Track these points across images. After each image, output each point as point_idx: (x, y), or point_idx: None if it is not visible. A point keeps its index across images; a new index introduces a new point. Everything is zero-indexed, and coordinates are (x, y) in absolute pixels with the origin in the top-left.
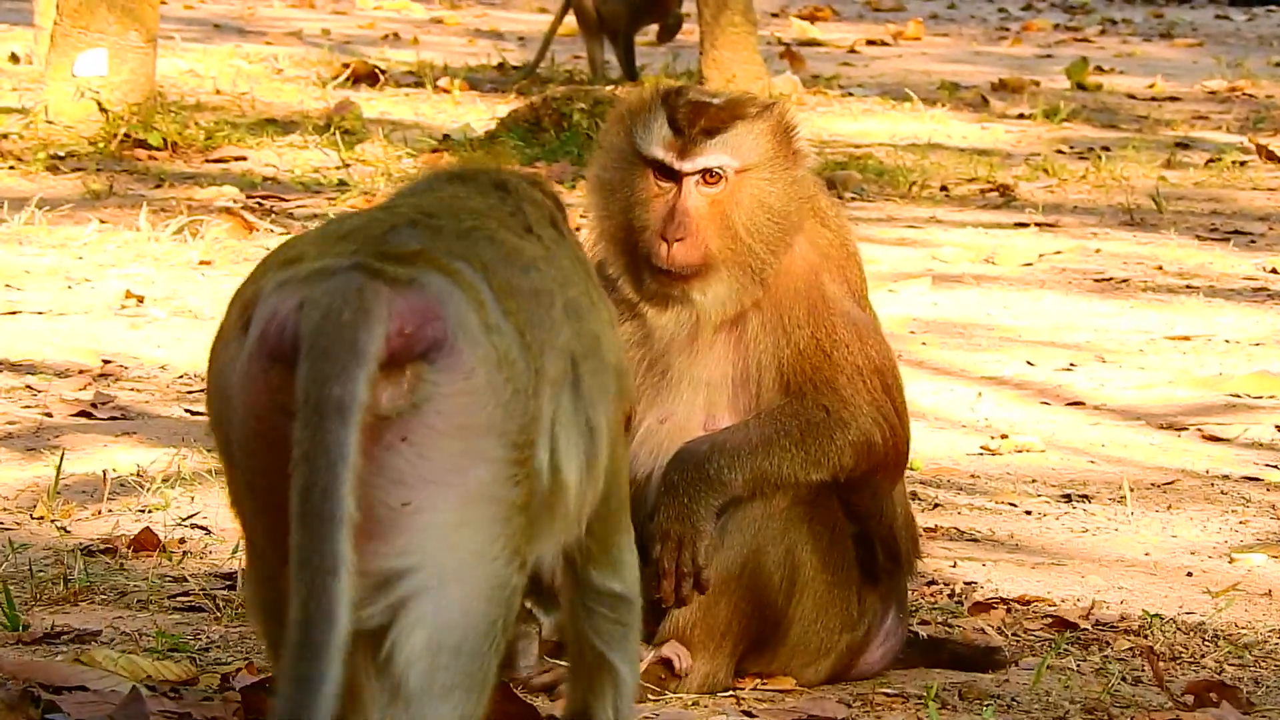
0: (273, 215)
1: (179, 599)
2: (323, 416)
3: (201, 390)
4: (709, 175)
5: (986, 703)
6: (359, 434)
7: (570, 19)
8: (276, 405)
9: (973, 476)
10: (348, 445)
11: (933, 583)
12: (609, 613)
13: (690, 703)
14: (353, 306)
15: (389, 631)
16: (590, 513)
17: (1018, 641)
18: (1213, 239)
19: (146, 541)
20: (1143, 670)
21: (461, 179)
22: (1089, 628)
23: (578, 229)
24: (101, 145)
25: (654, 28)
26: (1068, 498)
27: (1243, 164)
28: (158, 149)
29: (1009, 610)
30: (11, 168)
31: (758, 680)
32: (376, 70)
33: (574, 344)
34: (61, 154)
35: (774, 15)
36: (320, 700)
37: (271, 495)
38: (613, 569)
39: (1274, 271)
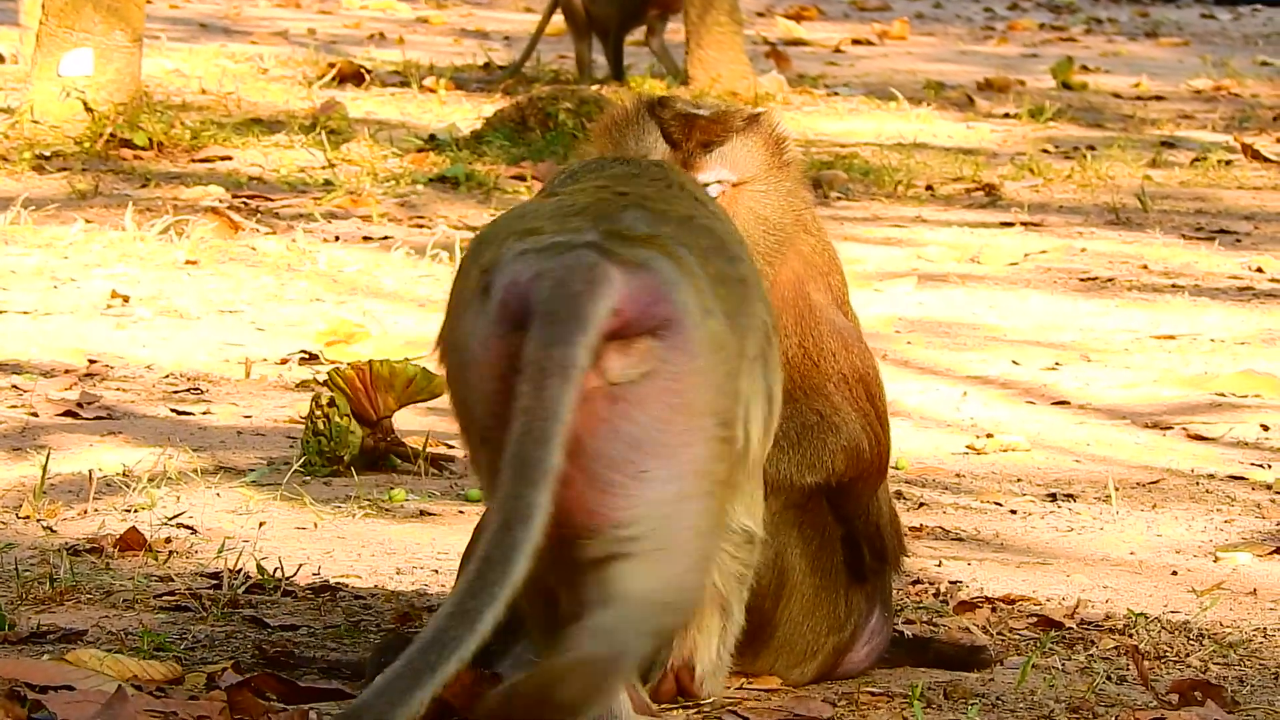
0: (258, 215)
1: (165, 598)
2: (545, 375)
3: (187, 390)
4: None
5: (971, 702)
6: (580, 396)
7: (558, 18)
8: (513, 368)
9: (958, 476)
10: (564, 404)
11: (918, 582)
12: (735, 552)
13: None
14: (582, 279)
15: (604, 572)
16: None
17: (1003, 640)
18: (1198, 238)
19: (132, 541)
20: (1127, 669)
21: (629, 167)
22: (1074, 626)
23: None
24: (87, 145)
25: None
26: (1053, 497)
27: (1228, 163)
28: (143, 149)
29: (994, 609)
30: None
31: (743, 680)
32: (362, 70)
33: (765, 320)
34: (47, 154)
35: (760, 15)
36: (471, 636)
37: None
38: (747, 509)
39: (1259, 270)
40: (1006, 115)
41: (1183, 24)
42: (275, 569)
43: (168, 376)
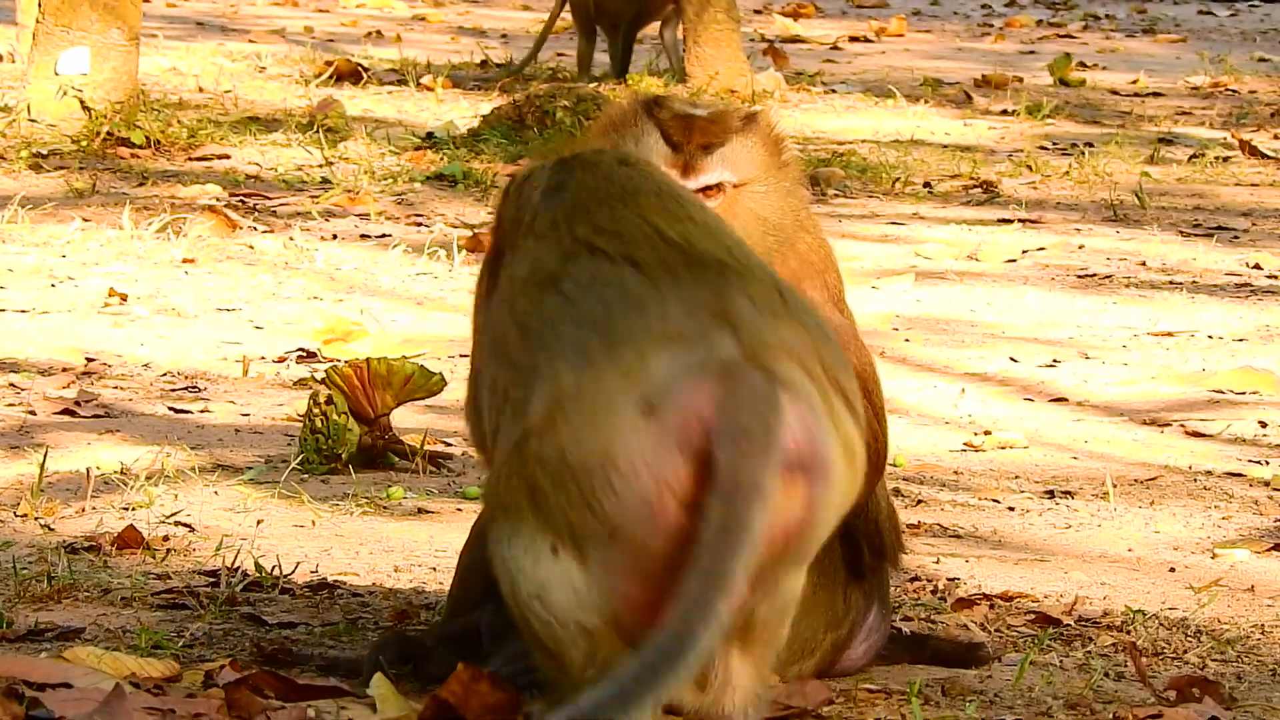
0: (256, 213)
1: (163, 596)
2: (741, 495)
3: (185, 388)
4: (707, 191)
5: (969, 698)
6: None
7: (565, 15)
8: (680, 492)
9: (956, 473)
10: (759, 525)
11: (916, 579)
12: None
13: None
14: (767, 406)
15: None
16: None
17: (1000, 637)
18: (1196, 235)
19: (130, 539)
20: (1125, 666)
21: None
22: (1072, 623)
23: None
24: (84, 143)
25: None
26: (1051, 494)
27: (1226, 159)
28: (140, 147)
29: (992, 606)
30: None
31: None
32: (359, 68)
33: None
34: (44, 152)
35: (757, 12)
36: None
37: (648, 560)
38: None
39: (1257, 267)
40: (1004, 112)
41: (1180, 20)
42: (273, 567)
43: (165, 375)
